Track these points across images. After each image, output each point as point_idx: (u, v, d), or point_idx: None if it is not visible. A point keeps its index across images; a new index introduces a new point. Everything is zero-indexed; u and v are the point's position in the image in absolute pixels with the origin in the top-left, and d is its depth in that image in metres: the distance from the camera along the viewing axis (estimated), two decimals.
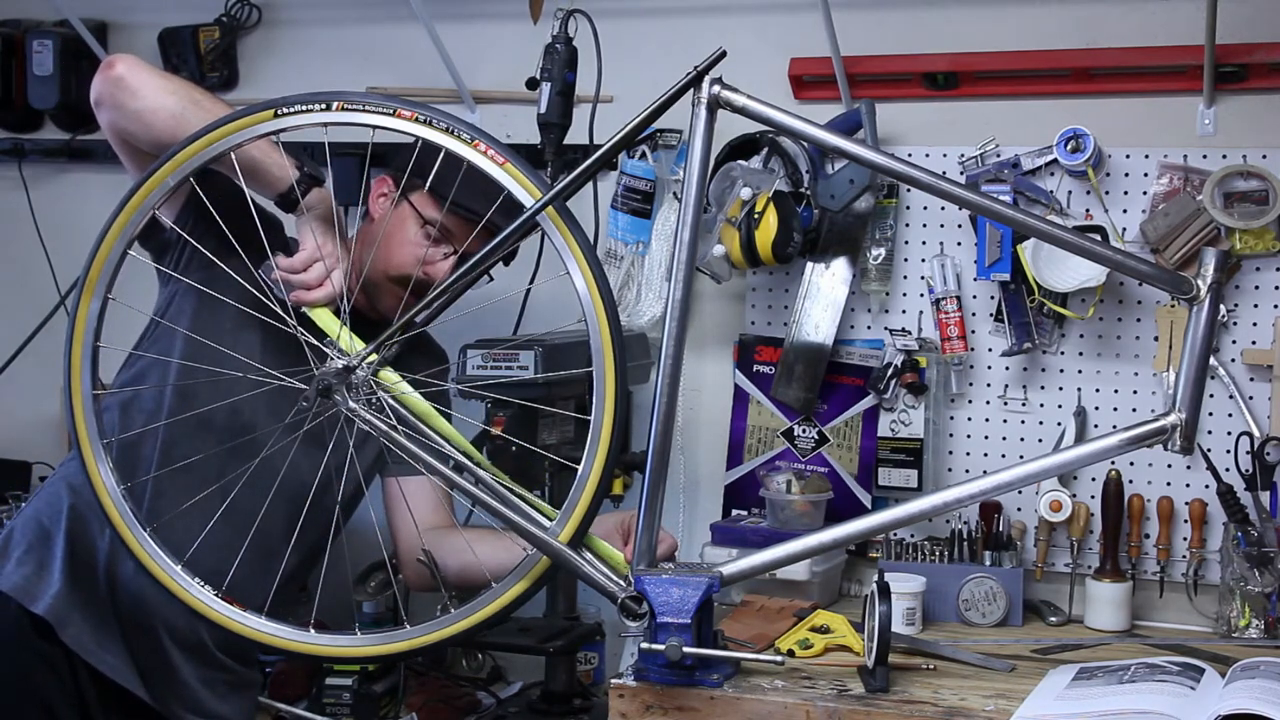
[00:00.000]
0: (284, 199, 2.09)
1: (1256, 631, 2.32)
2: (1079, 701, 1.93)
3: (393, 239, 2.26)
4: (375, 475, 2.36)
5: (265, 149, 2.05)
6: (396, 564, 2.41)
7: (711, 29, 2.60)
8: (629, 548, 2.06)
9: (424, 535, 2.23)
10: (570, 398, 2.41)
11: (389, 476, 2.34)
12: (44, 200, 3.17)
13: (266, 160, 2.06)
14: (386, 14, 2.84)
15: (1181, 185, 2.46)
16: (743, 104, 2.13)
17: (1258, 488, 2.37)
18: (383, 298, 2.27)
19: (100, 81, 2.07)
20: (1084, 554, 2.49)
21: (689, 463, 2.75)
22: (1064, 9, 2.54)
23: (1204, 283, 2.05)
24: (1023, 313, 2.53)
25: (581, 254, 2.23)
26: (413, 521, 2.25)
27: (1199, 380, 2.05)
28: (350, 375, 2.21)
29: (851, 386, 2.64)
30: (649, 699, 2.02)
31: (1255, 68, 2.43)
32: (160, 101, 2.06)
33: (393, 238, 2.26)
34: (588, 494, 2.19)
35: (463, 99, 2.84)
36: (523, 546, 2.02)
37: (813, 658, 2.17)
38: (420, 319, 2.24)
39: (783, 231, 2.45)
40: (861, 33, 2.59)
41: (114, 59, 2.08)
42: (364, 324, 2.12)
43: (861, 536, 2.27)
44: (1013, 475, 2.07)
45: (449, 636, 2.26)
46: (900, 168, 2.14)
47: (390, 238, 2.25)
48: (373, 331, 2.03)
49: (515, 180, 2.28)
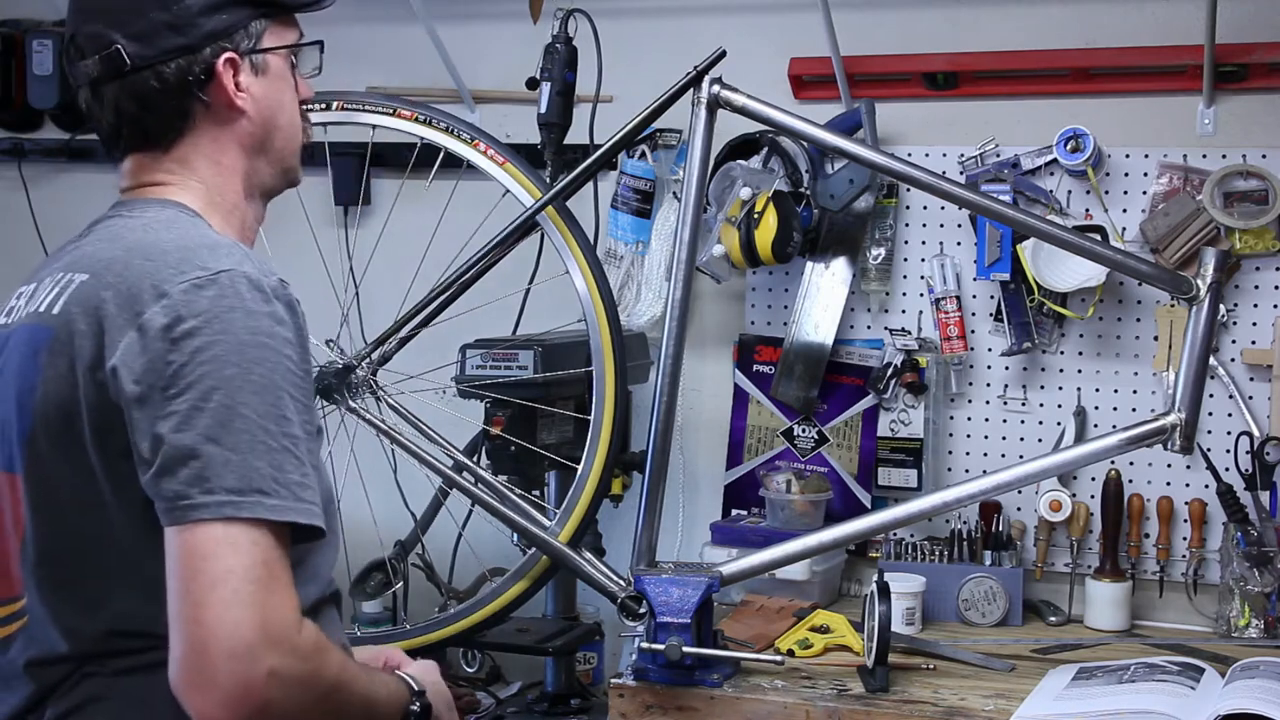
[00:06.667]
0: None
1: (1256, 631, 2.32)
2: (1079, 701, 1.93)
3: (280, 114, 1.60)
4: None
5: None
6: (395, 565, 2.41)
7: (711, 29, 2.60)
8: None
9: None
10: (570, 397, 2.40)
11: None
12: (44, 200, 3.16)
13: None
14: (386, 14, 2.84)
15: (1181, 185, 2.46)
16: (743, 104, 2.13)
17: (1257, 487, 2.37)
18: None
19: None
20: (1084, 554, 2.49)
21: (689, 463, 2.75)
22: (1064, 9, 2.54)
23: (1204, 282, 2.06)
24: (1022, 312, 2.53)
25: (581, 254, 2.23)
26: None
27: (1199, 380, 2.05)
28: (350, 375, 2.22)
29: (851, 386, 2.63)
30: (649, 699, 2.02)
31: (1255, 68, 2.43)
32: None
33: (280, 113, 1.60)
34: (587, 494, 2.20)
35: (463, 99, 2.84)
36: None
37: (813, 657, 2.17)
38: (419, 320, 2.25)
39: (782, 231, 2.44)
40: (861, 33, 2.59)
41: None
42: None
43: (861, 536, 2.28)
44: (1013, 475, 2.07)
45: (448, 636, 2.26)
46: (900, 168, 2.14)
47: (276, 116, 1.59)
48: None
49: (515, 180, 2.29)
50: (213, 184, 1.54)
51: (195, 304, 1.33)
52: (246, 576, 1.28)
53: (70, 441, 1.37)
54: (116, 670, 1.39)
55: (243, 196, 1.56)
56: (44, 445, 1.40)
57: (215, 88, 1.51)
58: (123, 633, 1.39)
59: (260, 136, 1.57)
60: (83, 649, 1.40)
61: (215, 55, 1.51)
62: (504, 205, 2.31)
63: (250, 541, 1.30)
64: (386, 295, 2.40)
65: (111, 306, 1.36)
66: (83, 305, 1.39)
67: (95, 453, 1.36)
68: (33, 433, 1.40)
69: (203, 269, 1.36)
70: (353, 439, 2.21)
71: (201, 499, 1.29)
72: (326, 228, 2.78)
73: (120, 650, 1.39)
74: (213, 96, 1.52)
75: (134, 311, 1.35)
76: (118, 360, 1.33)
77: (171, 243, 1.40)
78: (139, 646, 1.37)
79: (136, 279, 1.37)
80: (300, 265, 2.30)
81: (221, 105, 1.53)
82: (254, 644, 1.26)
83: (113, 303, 1.36)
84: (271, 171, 1.60)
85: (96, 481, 1.37)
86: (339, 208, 2.89)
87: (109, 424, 1.34)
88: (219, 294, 1.34)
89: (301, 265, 2.34)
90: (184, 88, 1.50)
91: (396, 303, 2.29)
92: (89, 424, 1.36)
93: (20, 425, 1.42)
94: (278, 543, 1.32)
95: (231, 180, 1.55)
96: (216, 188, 1.54)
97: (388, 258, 2.60)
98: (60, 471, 1.39)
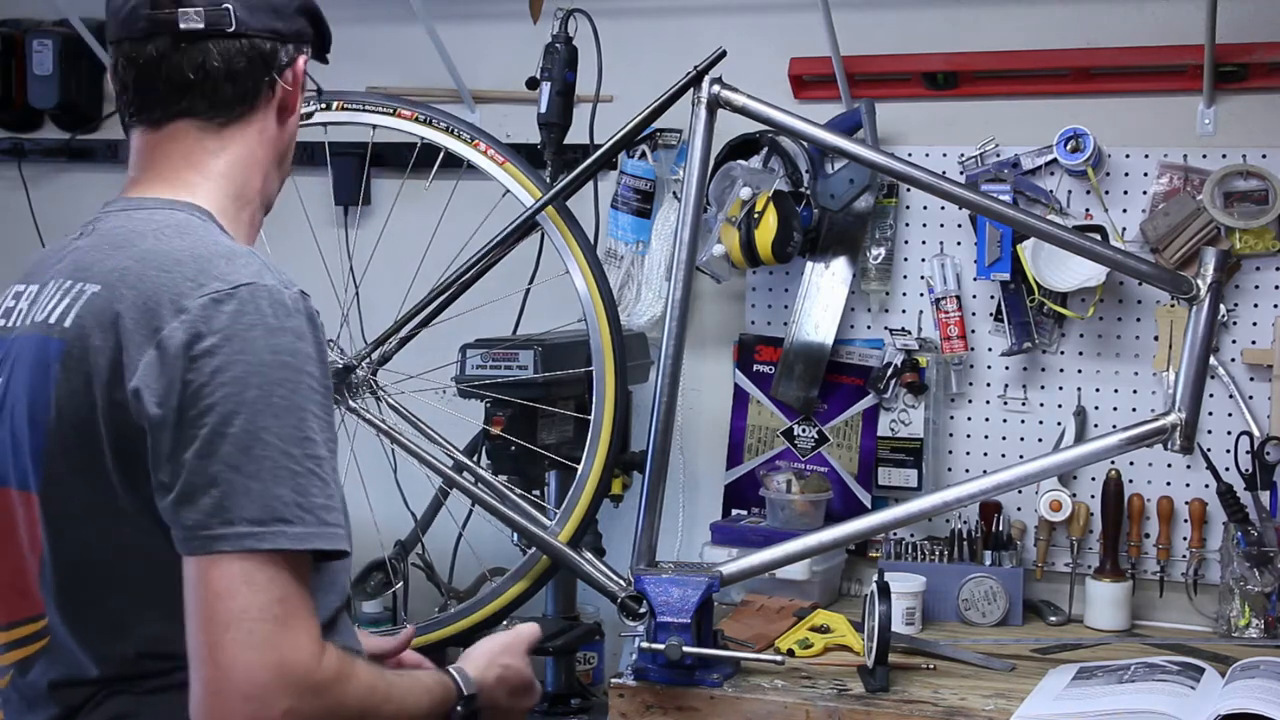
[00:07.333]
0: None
1: (1256, 631, 2.32)
2: (1079, 701, 1.93)
3: (295, 137, 1.62)
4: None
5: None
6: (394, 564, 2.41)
7: (711, 29, 2.60)
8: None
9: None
10: (570, 397, 2.40)
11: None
12: (44, 200, 3.16)
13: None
14: (386, 14, 2.84)
15: (1181, 185, 2.46)
16: (743, 104, 2.14)
17: (1258, 487, 2.37)
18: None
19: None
20: (1084, 554, 2.49)
21: (689, 462, 2.75)
22: (1064, 9, 2.54)
23: (1204, 282, 2.06)
24: (1023, 312, 2.53)
25: (581, 254, 2.24)
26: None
27: (1199, 380, 2.05)
28: (350, 375, 2.23)
29: (851, 386, 2.63)
30: (649, 699, 2.02)
31: (1255, 67, 2.43)
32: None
33: (295, 136, 1.62)
34: (587, 493, 2.20)
35: (463, 99, 2.84)
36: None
37: (813, 657, 2.17)
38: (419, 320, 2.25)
39: (782, 231, 2.45)
40: (861, 33, 2.59)
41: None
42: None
43: (861, 536, 2.28)
44: (1013, 475, 2.07)
45: (448, 636, 2.26)
46: (900, 167, 2.14)
47: (295, 137, 1.62)
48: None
49: (515, 180, 2.29)
50: (239, 178, 1.51)
51: (215, 320, 1.30)
52: (263, 616, 1.25)
53: (90, 461, 1.34)
54: (146, 690, 1.37)
55: (260, 192, 1.55)
56: (61, 464, 1.36)
57: (288, 82, 1.52)
58: (153, 655, 1.36)
59: (284, 150, 1.57)
60: (112, 672, 1.38)
61: (297, 52, 1.53)
62: (504, 205, 2.31)
63: (268, 578, 1.26)
64: (386, 295, 2.40)
65: (129, 321, 1.32)
66: (97, 319, 1.35)
67: (117, 473, 1.33)
68: (48, 451, 1.37)
69: (221, 281, 1.33)
70: (353, 439, 2.20)
71: (221, 530, 1.26)
72: (326, 228, 2.78)
73: (150, 672, 1.37)
74: (282, 89, 1.52)
75: (152, 327, 1.31)
76: (139, 381, 1.30)
77: (186, 252, 1.37)
78: (169, 668, 1.33)
79: (153, 291, 1.33)
80: (300, 265, 2.28)
81: (284, 101, 1.53)
82: (269, 686, 1.24)
83: (129, 317, 1.33)
84: (278, 187, 1.59)
85: (118, 501, 1.34)
86: (339, 208, 2.90)
87: (132, 445, 1.31)
88: (239, 310, 1.31)
89: (301, 265, 2.33)
90: (268, 67, 1.50)
91: (396, 303, 2.29)
92: (110, 445, 1.32)
93: (34, 443, 1.38)
94: (298, 573, 1.29)
95: (255, 178, 1.53)
96: (242, 181, 1.51)
97: (388, 258, 2.60)
98: (79, 491, 1.36)
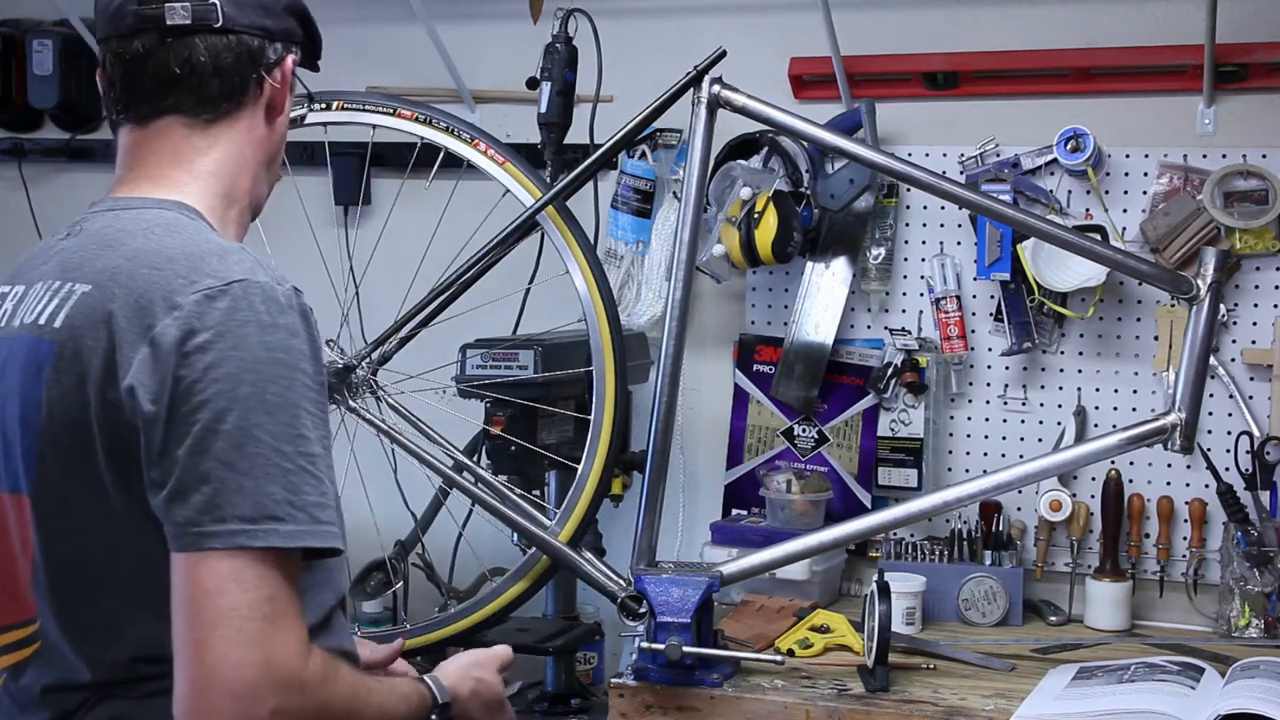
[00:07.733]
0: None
1: (1256, 631, 2.32)
2: (1079, 701, 1.93)
3: (285, 139, 1.62)
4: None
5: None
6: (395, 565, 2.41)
7: (711, 29, 2.60)
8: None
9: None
10: (570, 397, 2.40)
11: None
12: (44, 200, 3.16)
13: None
14: (386, 14, 2.84)
15: (1181, 185, 2.46)
16: (743, 104, 2.14)
17: (1258, 487, 2.37)
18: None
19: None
20: (1084, 554, 2.49)
21: (689, 462, 2.75)
22: (1064, 9, 2.54)
23: (1204, 282, 2.06)
24: (1023, 312, 2.53)
25: (581, 254, 2.24)
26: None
27: (1199, 380, 2.05)
28: (350, 375, 2.23)
29: (851, 386, 2.63)
30: (649, 699, 2.02)
31: (1255, 67, 2.43)
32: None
33: (285, 138, 1.62)
34: (587, 493, 2.20)
35: (463, 99, 2.84)
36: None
37: (813, 657, 2.17)
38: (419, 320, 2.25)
39: (783, 231, 2.45)
40: (861, 32, 2.59)
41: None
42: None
43: (861, 536, 2.28)
44: (1013, 475, 2.08)
45: (448, 636, 2.27)
46: (900, 167, 2.14)
47: (284, 139, 1.61)
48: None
49: (515, 180, 2.29)
50: (228, 176, 1.50)
51: (208, 316, 1.30)
52: (251, 614, 1.25)
53: (82, 462, 1.33)
54: (141, 695, 1.37)
55: (248, 193, 1.54)
56: (52, 466, 1.36)
57: (276, 80, 1.52)
58: (146, 659, 1.35)
59: (274, 151, 1.57)
60: (106, 677, 1.37)
61: (285, 51, 1.53)
62: (504, 205, 2.31)
63: (258, 576, 1.26)
64: (386, 295, 2.40)
65: (121, 320, 1.32)
66: (89, 318, 1.34)
67: (110, 473, 1.32)
68: (39, 453, 1.36)
69: (214, 278, 1.32)
70: (353, 439, 2.21)
71: (212, 527, 1.26)
72: (326, 228, 2.78)
73: (144, 676, 1.36)
74: (269, 88, 1.52)
75: (145, 325, 1.31)
76: (133, 379, 1.29)
77: (178, 249, 1.36)
78: (163, 672, 1.31)
79: (145, 289, 1.33)
80: (300, 265, 2.29)
81: (272, 100, 1.52)
82: (257, 684, 1.24)
83: (122, 315, 1.32)
84: (267, 190, 1.59)
85: (110, 502, 1.33)
86: (339, 207, 2.89)
87: (125, 444, 1.31)
88: (232, 306, 1.30)
89: (301, 265, 2.34)
90: (255, 64, 1.49)
91: (396, 303, 2.29)
92: (103, 445, 1.32)
93: (25, 444, 1.37)
94: (287, 571, 1.28)
95: (243, 177, 1.52)
96: (230, 180, 1.50)
97: (388, 258, 2.60)
98: (71, 492, 1.35)
